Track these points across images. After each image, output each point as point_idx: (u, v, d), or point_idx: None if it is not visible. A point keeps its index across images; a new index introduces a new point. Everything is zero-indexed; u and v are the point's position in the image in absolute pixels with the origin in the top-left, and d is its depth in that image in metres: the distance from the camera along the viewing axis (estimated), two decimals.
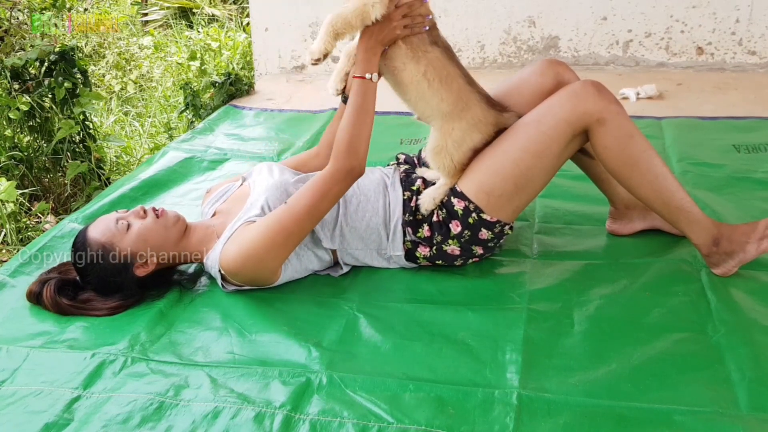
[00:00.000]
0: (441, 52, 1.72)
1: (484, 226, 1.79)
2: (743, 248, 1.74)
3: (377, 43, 1.68)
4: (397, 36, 1.67)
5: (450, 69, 1.73)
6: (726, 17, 3.63)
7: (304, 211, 1.69)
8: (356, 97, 1.70)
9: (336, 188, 1.70)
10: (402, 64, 1.72)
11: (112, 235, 1.74)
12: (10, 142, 3.18)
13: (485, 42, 3.95)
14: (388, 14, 1.65)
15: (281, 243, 1.70)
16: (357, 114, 1.69)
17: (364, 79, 1.69)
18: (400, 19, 1.66)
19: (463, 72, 1.75)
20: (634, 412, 1.36)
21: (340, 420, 1.38)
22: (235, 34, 5.23)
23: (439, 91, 1.72)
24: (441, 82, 1.71)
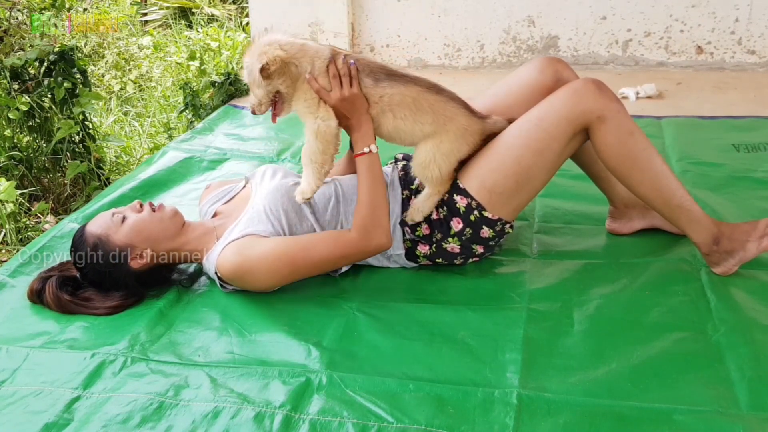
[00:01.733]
0: (389, 83, 1.70)
1: (485, 223, 1.79)
2: (743, 247, 1.74)
3: (362, 116, 1.70)
4: (351, 94, 1.67)
5: (410, 91, 1.71)
6: (725, 16, 3.63)
7: (319, 260, 1.72)
8: (366, 173, 1.72)
9: (359, 257, 1.76)
10: (375, 125, 1.74)
11: (107, 227, 1.76)
12: (10, 142, 3.18)
13: (485, 41, 3.95)
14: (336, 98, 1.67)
15: (285, 274, 1.73)
16: (373, 188, 1.72)
17: (365, 154, 1.72)
18: (340, 87, 1.67)
19: (424, 84, 1.73)
20: (634, 412, 1.36)
21: (340, 420, 1.38)
22: (235, 33, 5.23)
23: (416, 119, 1.72)
24: (412, 110, 1.71)
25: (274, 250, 1.70)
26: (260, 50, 1.63)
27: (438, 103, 1.73)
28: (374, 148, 1.72)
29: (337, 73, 1.67)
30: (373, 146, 1.72)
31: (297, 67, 1.66)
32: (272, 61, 1.61)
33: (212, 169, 2.68)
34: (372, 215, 1.71)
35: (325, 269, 1.77)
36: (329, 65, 1.67)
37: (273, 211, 1.78)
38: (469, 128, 1.76)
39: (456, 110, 1.74)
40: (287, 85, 1.67)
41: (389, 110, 1.71)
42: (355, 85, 1.67)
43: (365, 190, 1.72)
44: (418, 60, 4.06)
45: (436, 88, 1.74)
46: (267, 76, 1.63)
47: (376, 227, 1.71)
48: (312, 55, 1.68)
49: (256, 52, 1.63)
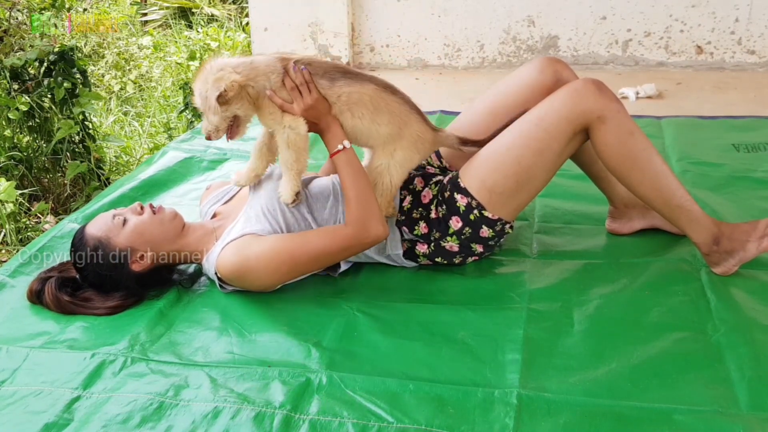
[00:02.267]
0: (345, 82, 1.70)
1: (485, 223, 1.79)
2: (744, 247, 1.74)
3: (325, 117, 1.70)
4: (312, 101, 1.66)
5: (366, 90, 1.71)
6: (725, 16, 3.63)
7: (318, 255, 1.72)
8: (346, 169, 1.71)
9: (359, 249, 1.74)
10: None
11: (108, 229, 1.75)
12: (10, 143, 3.18)
13: (485, 41, 3.95)
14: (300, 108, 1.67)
15: (285, 271, 1.72)
16: (356, 182, 1.71)
17: (340, 151, 1.71)
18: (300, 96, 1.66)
19: (380, 83, 1.73)
20: (634, 412, 1.36)
21: (340, 420, 1.38)
22: (235, 34, 5.23)
23: (374, 119, 1.72)
24: (369, 109, 1.71)
25: (272, 248, 1.70)
26: (214, 76, 1.60)
27: (394, 103, 1.73)
28: (347, 144, 1.72)
29: (294, 83, 1.66)
30: (346, 142, 1.71)
31: (253, 88, 1.65)
32: (230, 87, 1.59)
33: (212, 169, 2.68)
34: (363, 208, 1.70)
35: (324, 264, 1.77)
36: (284, 78, 1.66)
37: (270, 211, 1.78)
38: (422, 136, 1.76)
39: (410, 114, 1.75)
40: (245, 108, 1.66)
41: (347, 109, 1.71)
42: (313, 91, 1.67)
43: (350, 185, 1.71)
44: (418, 60, 4.06)
45: (392, 88, 1.74)
46: (224, 102, 1.61)
47: (370, 218, 1.70)
48: (264, 71, 1.66)
49: (210, 78, 1.60)
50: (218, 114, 1.62)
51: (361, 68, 4.11)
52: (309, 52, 4.03)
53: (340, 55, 4.03)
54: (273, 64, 1.68)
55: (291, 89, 1.67)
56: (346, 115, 1.72)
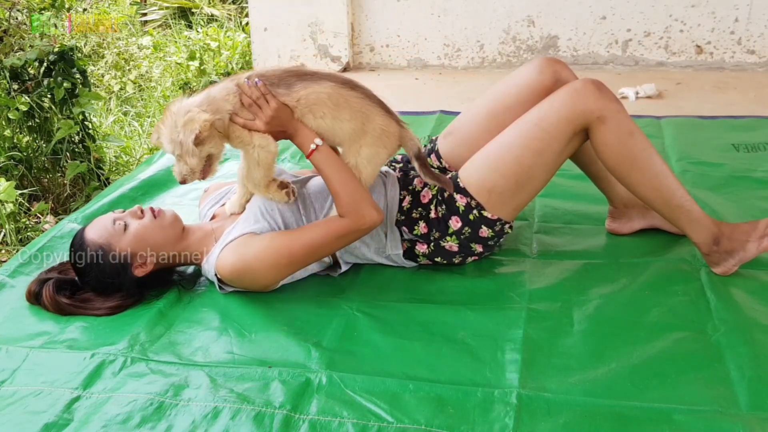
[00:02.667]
0: (302, 84, 1.68)
1: (484, 223, 1.79)
2: (744, 247, 1.74)
3: (289, 125, 1.69)
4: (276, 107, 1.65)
5: (324, 88, 1.69)
6: (725, 16, 3.63)
7: (316, 246, 1.71)
8: (325, 166, 1.70)
9: (355, 236, 1.73)
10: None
11: (109, 235, 1.74)
12: (10, 143, 3.18)
13: (484, 41, 3.95)
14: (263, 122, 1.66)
15: (284, 265, 1.72)
16: (338, 176, 1.70)
17: (314, 151, 1.70)
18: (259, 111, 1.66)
19: (338, 80, 1.71)
20: (633, 412, 1.36)
21: (340, 420, 1.38)
22: (234, 34, 5.23)
23: (335, 116, 1.69)
24: (330, 108, 1.69)
25: (269, 245, 1.70)
26: (183, 119, 1.58)
27: (354, 98, 1.70)
28: (319, 142, 1.70)
29: (251, 99, 1.65)
30: (317, 140, 1.70)
31: (221, 120, 1.65)
32: (204, 127, 1.59)
33: None
34: (352, 197, 1.69)
35: (322, 255, 1.76)
36: (241, 96, 1.66)
37: (268, 210, 1.78)
38: (386, 129, 1.73)
39: (372, 108, 1.71)
40: (217, 144, 1.66)
41: (308, 111, 1.69)
42: (272, 101, 1.65)
43: (332, 180, 1.70)
44: (417, 60, 4.06)
45: (351, 83, 1.72)
46: (199, 143, 1.60)
47: (362, 206, 1.69)
48: (223, 97, 1.66)
49: (179, 122, 1.59)
50: (196, 156, 1.62)
51: (360, 68, 4.11)
52: (309, 52, 4.03)
53: (340, 55, 4.03)
54: (228, 87, 1.67)
55: (249, 106, 1.66)
56: (308, 117, 1.70)
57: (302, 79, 1.68)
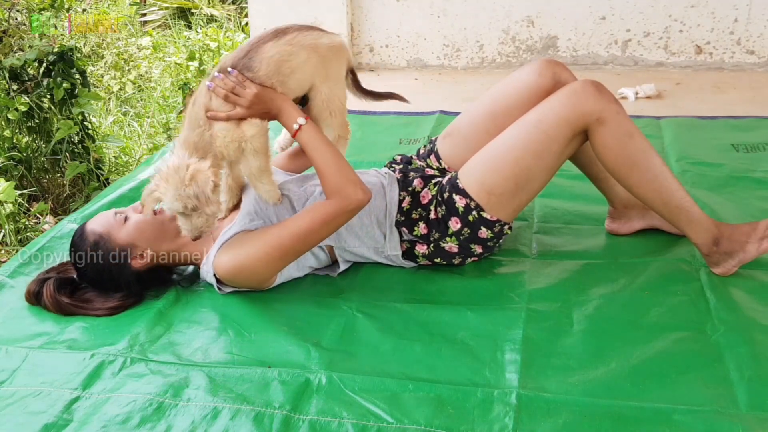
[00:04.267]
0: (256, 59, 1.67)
1: (483, 224, 1.79)
2: (743, 248, 1.74)
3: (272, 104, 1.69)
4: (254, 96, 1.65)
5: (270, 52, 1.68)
6: (724, 16, 3.63)
7: (304, 234, 1.70)
8: (311, 144, 1.70)
9: (344, 218, 1.71)
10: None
11: (110, 226, 1.76)
12: (9, 143, 3.18)
13: (484, 42, 3.95)
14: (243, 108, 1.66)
15: (277, 258, 1.72)
16: (323, 153, 1.69)
17: (299, 130, 1.70)
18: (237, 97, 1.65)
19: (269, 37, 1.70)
20: (633, 412, 1.36)
21: (340, 420, 1.38)
22: (234, 34, 5.23)
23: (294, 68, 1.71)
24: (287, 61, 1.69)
25: (260, 240, 1.70)
26: (188, 175, 1.57)
27: (295, 39, 1.70)
28: (303, 120, 1.70)
29: (225, 91, 1.65)
30: (301, 119, 1.70)
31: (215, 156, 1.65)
32: (214, 173, 1.60)
33: None
34: (337, 177, 1.68)
35: (314, 241, 1.74)
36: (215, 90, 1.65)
37: (263, 209, 1.79)
38: (332, 45, 1.75)
39: (310, 36, 1.73)
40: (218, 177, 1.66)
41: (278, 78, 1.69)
42: (249, 85, 1.65)
43: (318, 159, 1.70)
44: (417, 60, 4.06)
45: (281, 31, 1.71)
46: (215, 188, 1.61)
47: (347, 185, 1.68)
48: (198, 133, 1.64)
49: (185, 179, 1.56)
50: (215, 203, 1.61)
51: (360, 68, 4.11)
52: None
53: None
54: (192, 119, 1.66)
55: (226, 98, 1.65)
56: (281, 84, 1.70)
57: (250, 56, 1.68)
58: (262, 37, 1.71)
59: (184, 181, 1.56)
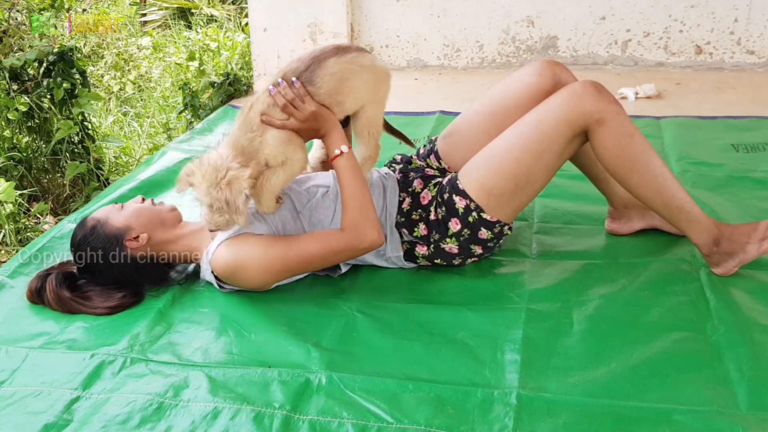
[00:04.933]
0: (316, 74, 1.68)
1: (483, 225, 1.79)
2: (744, 248, 1.74)
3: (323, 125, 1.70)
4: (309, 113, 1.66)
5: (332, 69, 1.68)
6: (725, 17, 3.63)
7: (310, 258, 1.72)
8: (345, 173, 1.71)
9: (352, 254, 1.74)
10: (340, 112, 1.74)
11: (108, 212, 1.82)
12: (9, 143, 3.18)
13: (484, 42, 3.95)
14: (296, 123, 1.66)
15: (276, 271, 1.73)
16: (354, 186, 1.71)
17: (339, 156, 1.71)
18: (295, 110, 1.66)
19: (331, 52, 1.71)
20: (633, 412, 1.36)
21: (340, 420, 1.38)
22: (234, 34, 5.23)
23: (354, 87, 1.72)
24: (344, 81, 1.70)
25: (266, 249, 1.70)
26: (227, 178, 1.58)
27: (356, 59, 1.71)
28: (346, 149, 1.72)
29: (285, 101, 1.65)
30: (344, 147, 1.72)
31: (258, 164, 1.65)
32: (251, 184, 1.61)
33: None
34: (359, 214, 1.70)
35: (317, 267, 1.77)
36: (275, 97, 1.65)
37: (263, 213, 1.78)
38: (384, 69, 1.77)
39: (368, 58, 1.74)
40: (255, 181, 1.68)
41: (336, 98, 1.70)
42: (309, 101, 1.66)
43: (347, 189, 1.71)
44: (417, 60, 4.06)
45: (338, 48, 1.72)
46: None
47: (366, 224, 1.70)
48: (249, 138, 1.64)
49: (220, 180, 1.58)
50: (243, 213, 1.61)
51: None
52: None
53: None
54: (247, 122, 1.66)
55: (284, 107, 1.66)
56: (338, 104, 1.71)
57: (312, 69, 1.68)
58: (323, 51, 1.71)
59: (219, 183, 1.57)
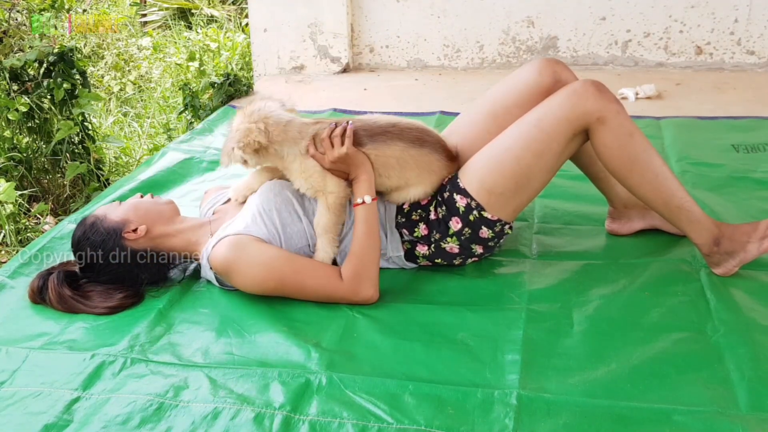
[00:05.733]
0: (372, 146, 1.75)
1: (484, 224, 1.79)
2: (744, 248, 1.74)
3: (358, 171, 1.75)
4: (350, 152, 1.71)
5: (393, 152, 1.76)
6: (725, 17, 3.63)
7: (305, 288, 1.74)
8: (361, 223, 1.75)
9: (344, 301, 1.74)
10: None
11: (107, 208, 1.85)
12: (10, 143, 3.18)
13: (484, 42, 3.95)
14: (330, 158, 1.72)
15: (270, 288, 1.74)
16: (366, 239, 1.74)
17: (360, 204, 1.75)
18: (332, 149, 1.72)
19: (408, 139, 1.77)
20: (633, 412, 1.36)
21: (340, 420, 1.38)
22: (234, 34, 5.23)
23: (401, 176, 1.79)
24: (396, 169, 1.78)
25: (267, 262, 1.71)
26: (245, 126, 1.68)
27: (422, 156, 1.79)
28: (369, 200, 1.74)
29: (328, 137, 1.72)
30: (368, 197, 1.74)
31: (277, 151, 1.72)
32: (249, 147, 1.67)
33: (212, 169, 2.68)
34: (362, 267, 1.72)
35: (308, 298, 1.76)
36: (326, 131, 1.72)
37: (266, 211, 1.78)
38: (443, 176, 1.84)
39: (438, 162, 1.81)
40: (263, 161, 1.75)
41: (376, 169, 1.77)
42: (347, 144, 1.71)
43: (359, 240, 1.74)
44: (417, 61, 4.06)
45: (421, 140, 1.78)
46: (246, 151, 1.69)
47: (365, 279, 1.72)
48: (294, 137, 1.72)
49: (242, 124, 1.69)
50: (237, 162, 1.73)
51: (360, 69, 4.11)
52: (309, 53, 4.03)
53: (340, 56, 4.03)
54: (305, 130, 1.73)
55: (323, 140, 1.71)
56: (376, 174, 1.77)
57: (374, 139, 1.75)
58: (404, 129, 1.77)
59: (252, 116, 1.69)
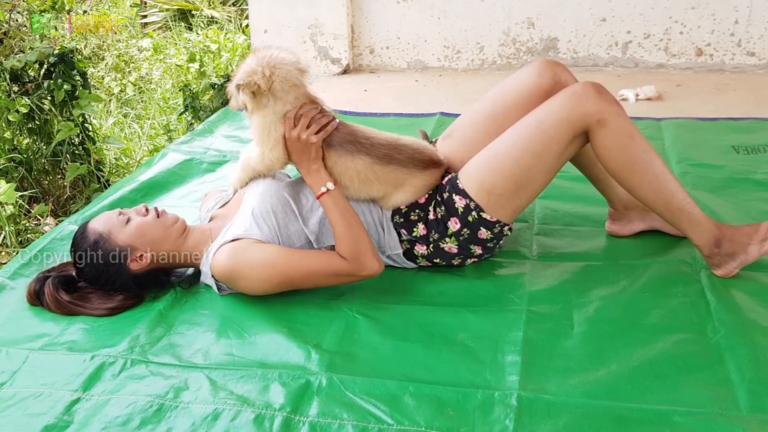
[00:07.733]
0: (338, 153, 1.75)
1: (483, 225, 1.79)
2: (745, 250, 1.74)
3: (310, 163, 1.74)
4: (316, 144, 1.72)
5: (355, 165, 1.75)
6: (725, 18, 3.63)
7: (311, 276, 1.72)
8: (333, 210, 1.74)
9: (353, 279, 1.74)
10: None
11: (111, 225, 1.77)
12: (10, 144, 3.18)
13: (484, 43, 3.95)
14: (297, 135, 1.71)
15: (276, 284, 1.73)
16: (344, 222, 1.73)
17: (325, 194, 1.74)
18: (306, 130, 1.71)
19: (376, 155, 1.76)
20: (634, 413, 1.36)
21: (340, 422, 1.38)
22: (234, 35, 5.24)
23: (361, 189, 1.79)
24: (355, 182, 1.78)
25: (269, 259, 1.70)
26: (250, 67, 1.68)
27: (388, 173, 1.78)
28: (331, 186, 1.74)
29: (311, 116, 1.71)
30: (330, 184, 1.74)
31: (268, 99, 1.70)
32: (248, 86, 1.67)
33: (212, 171, 2.68)
34: (354, 246, 1.71)
35: (318, 285, 1.76)
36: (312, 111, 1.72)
37: (263, 213, 1.78)
38: (424, 183, 1.83)
39: (408, 174, 1.80)
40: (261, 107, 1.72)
41: (337, 175, 1.77)
42: (320, 136, 1.71)
43: (338, 225, 1.73)
44: (417, 62, 4.06)
45: (389, 157, 1.77)
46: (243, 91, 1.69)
47: (364, 254, 1.72)
48: (289, 101, 1.71)
49: (249, 66, 1.69)
50: (234, 99, 1.73)
51: (361, 70, 4.11)
52: (309, 54, 4.04)
53: (340, 57, 4.03)
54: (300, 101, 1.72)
55: (304, 115, 1.70)
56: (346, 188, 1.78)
57: (343, 147, 1.74)
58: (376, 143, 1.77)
59: (263, 60, 1.68)
